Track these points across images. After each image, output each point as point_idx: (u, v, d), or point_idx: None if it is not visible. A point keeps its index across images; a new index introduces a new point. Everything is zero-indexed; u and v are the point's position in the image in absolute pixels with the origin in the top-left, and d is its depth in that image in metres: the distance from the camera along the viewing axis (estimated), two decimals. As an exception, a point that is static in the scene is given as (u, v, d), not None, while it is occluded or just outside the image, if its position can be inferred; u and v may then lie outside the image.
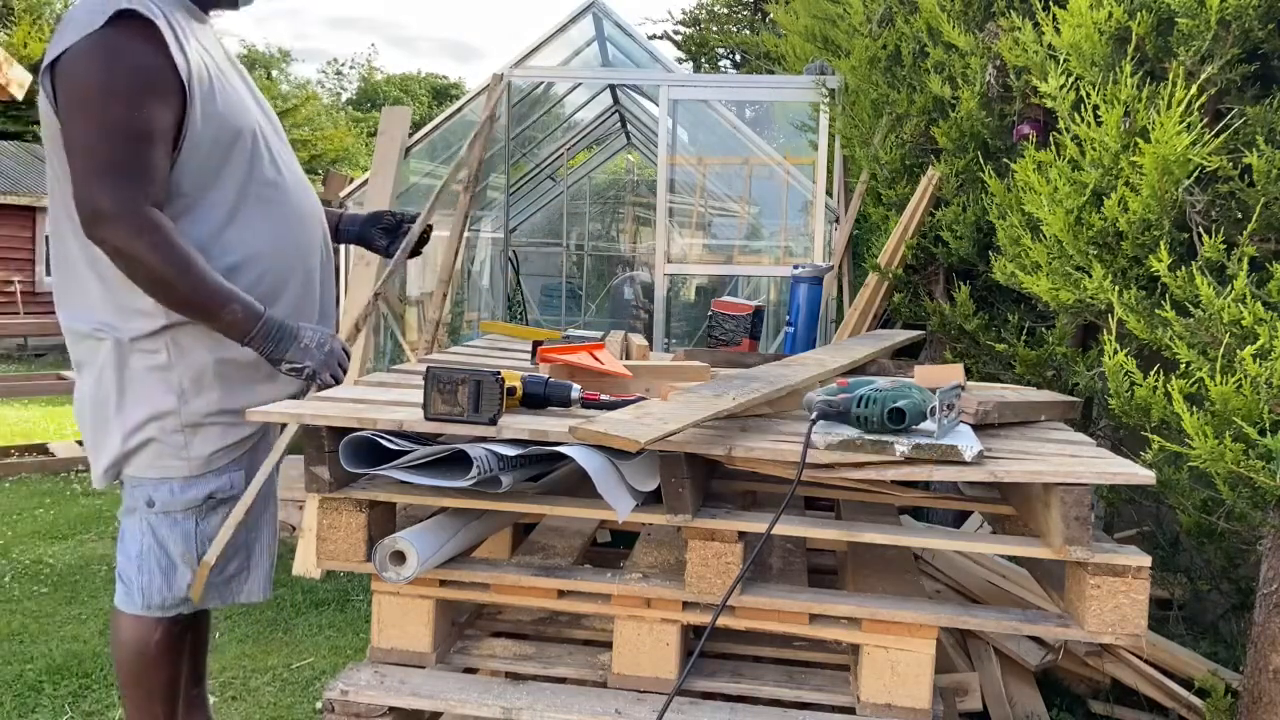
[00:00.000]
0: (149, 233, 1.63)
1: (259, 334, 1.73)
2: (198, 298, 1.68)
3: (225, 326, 1.72)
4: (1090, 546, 1.41)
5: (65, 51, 1.61)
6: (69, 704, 2.72)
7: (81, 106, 1.62)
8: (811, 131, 5.48)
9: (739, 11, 18.77)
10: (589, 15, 6.34)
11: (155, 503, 1.80)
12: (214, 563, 1.81)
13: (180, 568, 1.81)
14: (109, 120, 1.61)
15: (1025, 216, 2.39)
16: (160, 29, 1.63)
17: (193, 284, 1.67)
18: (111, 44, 1.60)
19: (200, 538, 1.82)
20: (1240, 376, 1.69)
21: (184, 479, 1.80)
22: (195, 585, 1.80)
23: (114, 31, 1.60)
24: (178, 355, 1.76)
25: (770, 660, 1.72)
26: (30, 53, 16.95)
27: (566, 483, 1.72)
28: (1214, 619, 2.84)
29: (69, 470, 5.77)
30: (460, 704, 1.52)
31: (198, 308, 1.70)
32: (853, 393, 1.52)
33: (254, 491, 1.81)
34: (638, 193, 13.70)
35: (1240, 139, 1.92)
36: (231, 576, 1.88)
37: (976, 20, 3.04)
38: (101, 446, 1.80)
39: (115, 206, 1.61)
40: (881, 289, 3.74)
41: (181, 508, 1.81)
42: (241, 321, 1.72)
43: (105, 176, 1.61)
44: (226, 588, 1.88)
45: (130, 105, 1.61)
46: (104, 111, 1.61)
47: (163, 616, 1.83)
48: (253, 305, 1.73)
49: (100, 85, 1.61)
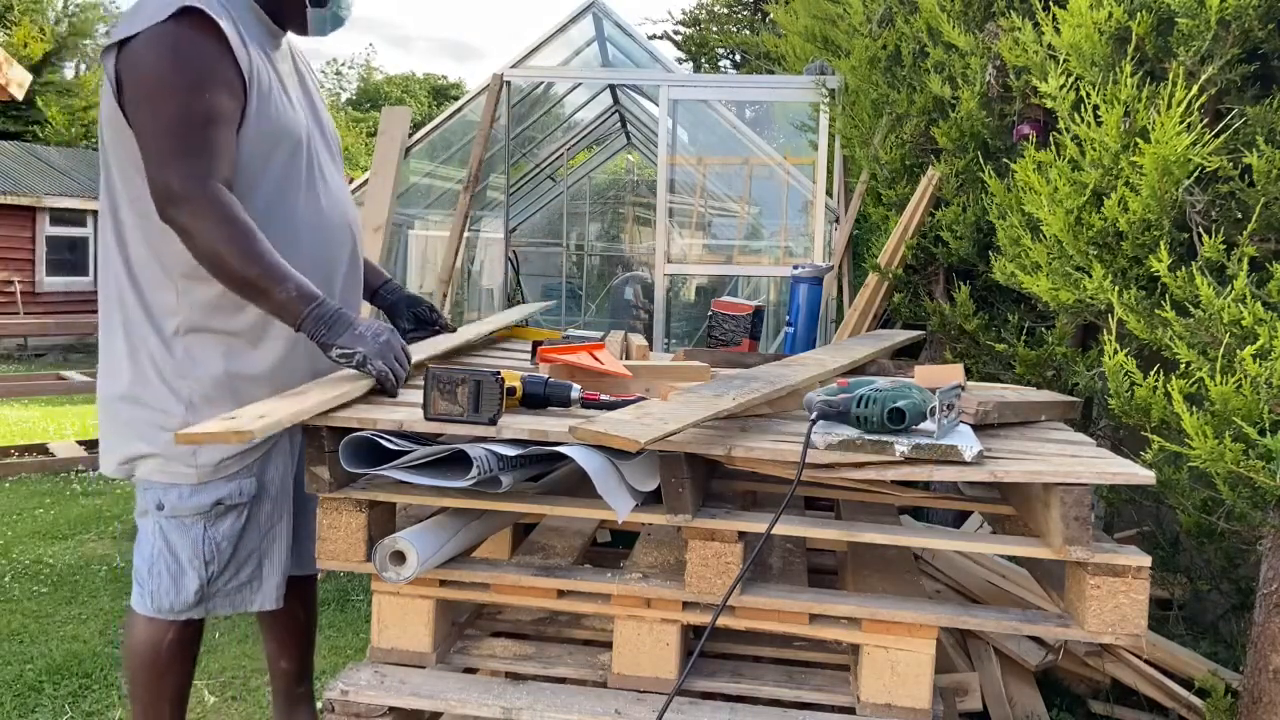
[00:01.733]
0: (214, 206, 1.67)
1: (310, 316, 1.70)
2: (253, 273, 1.68)
3: (278, 306, 1.71)
4: (1090, 546, 1.41)
5: (131, 39, 1.68)
6: (69, 704, 2.72)
7: (149, 97, 1.69)
8: (811, 131, 5.48)
9: (739, 11, 18.76)
10: (589, 15, 6.35)
11: (165, 506, 1.80)
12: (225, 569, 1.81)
13: (188, 573, 1.80)
14: (177, 107, 1.68)
15: (1025, 216, 2.39)
16: (223, 26, 1.70)
17: (250, 259, 1.68)
18: (176, 36, 1.68)
19: (209, 543, 1.81)
20: (1240, 376, 1.69)
21: (193, 485, 1.79)
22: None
23: (178, 25, 1.68)
24: (190, 365, 1.77)
25: (770, 660, 1.72)
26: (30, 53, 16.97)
27: (566, 483, 1.72)
28: (1214, 619, 2.84)
29: (69, 470, 5.77)
30: (460, 704, 1.52)
31: (253, 284, 1.70)
32: (853, 393, 1.52)
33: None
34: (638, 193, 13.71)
35: (1240, 139, 1.92)
36: (244, 584, 1.86)
37: (976, 20, 3.04)
38: (112, 442, 1.82)
39: (183, 185, 1.67)
40: (881, 289, 3.73)
41: (189, 513, 1.80)
42: (295, 301, 1.70)
43: (176, 159, 1.67)
44: (238, 595, 1.86)
45: (195, 91, 1.68)
46: (172, 99, 1.68)
47: (174, 620, 1.82)
48: (308, 288, 1.72)
49: (167, 73, 1.69)
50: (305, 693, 2.14)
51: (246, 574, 1.86)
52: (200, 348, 1.77)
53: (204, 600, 1.83)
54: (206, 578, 1.81)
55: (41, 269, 13.36)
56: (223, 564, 1.82)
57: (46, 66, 17.96)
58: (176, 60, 1.68)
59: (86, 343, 12.19)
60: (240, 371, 1.79)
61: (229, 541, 1.82)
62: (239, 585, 1.86)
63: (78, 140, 17.45)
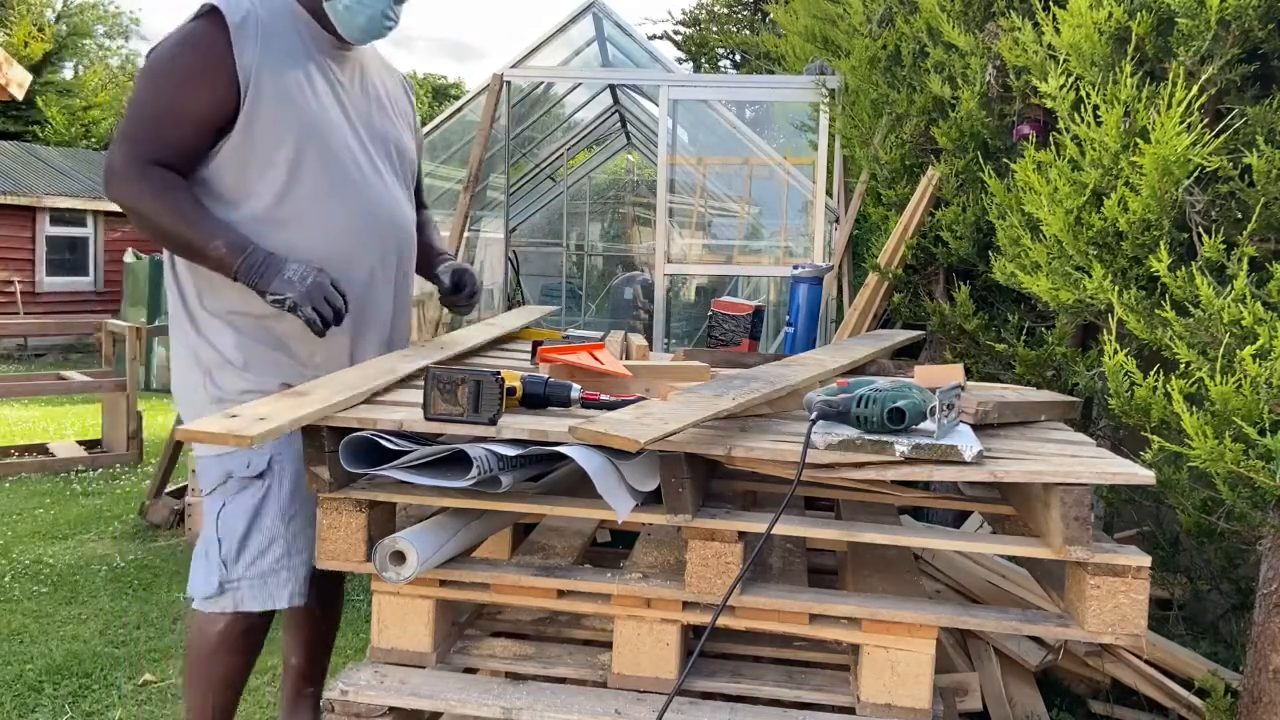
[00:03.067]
0: (147, 183, 1.76)
1: (243, 266, 1.75)
2: (184, 237, 1.77)
3: (215, 264, 1.77)
4: (1090, 546, 1.41)
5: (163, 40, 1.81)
6: (69, 704, 2.72)
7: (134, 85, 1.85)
8: (811, 131, 5.48)
9: (739, 11, 18.76)
10: (589, 15, 6.35)
11: (203, 485, 1.86)
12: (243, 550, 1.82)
13: (211, 554, 1.82)
14: (140, 94, 1.79)
15: (1025, 216, 2.39)
16: (230, 26, 1.75)
17: (182, 222, 1.76)
18: (182, 35, 1.78)
19: (223, 521, 1.82)
20: (1240, 376, 1.69)
21: (214, 456, 1.83)
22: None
23: (193, 25, 1.78)
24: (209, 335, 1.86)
25: (770, 660, 1.72)
26: (30, 53, 16.96)
27: (566, 483, 1.72)
28: (1214, 619, 2.84)
29: (69, 470, 5.77)
30: (460, 704, 1.52)
31: (189, 247, 1.78)
32: (853, 393, 1.52)
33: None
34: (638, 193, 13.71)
35: (1240, 139, 1.92)
36: (268, 573, 1.82)
37: (976, 20, 3.04)
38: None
39: (123, 165, 1.77)
40: (881, 289, 3.73)
41: (210, 487, 1.85)
42: (226, 256, 1.75)
43: (123, 141, 1.78)
44: (264, 585, 1.83)
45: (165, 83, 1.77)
46: (141, 87, 1.79)
47: (211, 611, 1.83)
48: (237, 240, 1.77)
49: (151, 69, 1.79)
50: (313, 695, 2.12)
51: (270, 561, 1.83)
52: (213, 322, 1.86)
53: (226, 589, 1.81)
54: (221, 558, 1.81)
55: (41, 269, 13.35)
56: (237, 543, 1.81)
57: (46, 66, 17.96)
58: (164, 56, 1.78)
59: (86, 343, 12.19)
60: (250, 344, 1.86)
61: (242, 519, 1.81)
62: (262, 574, 1.83)
63: (78, 140, 17.45)
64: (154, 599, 3.60)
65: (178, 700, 2.78)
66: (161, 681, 2.89)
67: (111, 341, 6.69)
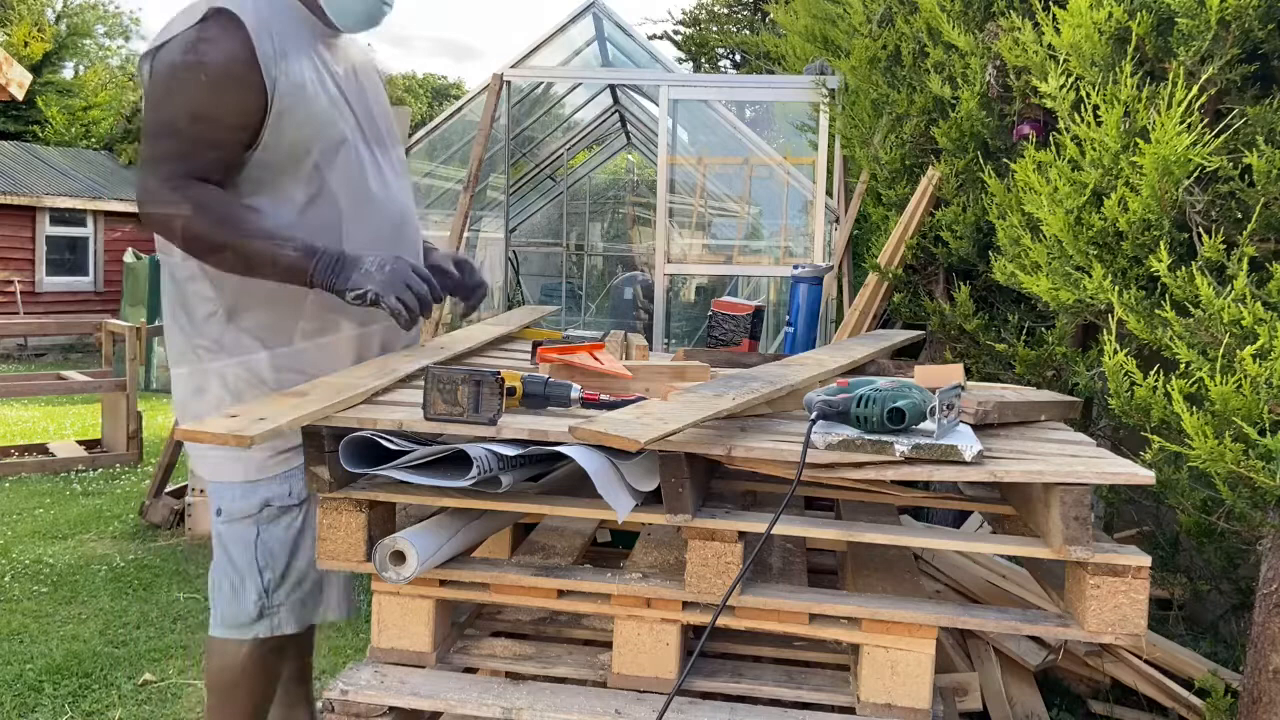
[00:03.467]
0: (191, 201, 1.65)
1: (318, 268, 1.67)
2: (247, 251, 1.66)
3: (285, 272, 1.68)
4: (1090, 546, 1.41)
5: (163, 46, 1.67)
6: (69, 704, 2.72)
7: (153, 102, 1.68)
8: (811, 131, 5.48)
9: (739, 11, 18.76)
10: (589, 15, 6.35)
11: (221, 511, 1.78)
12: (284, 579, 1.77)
13: (247, 583, 1.76)
14: (171, 111, 1.66)
15: (1025, 216, 2.39)
16: (248, 27, 1.65)
17: (240, 238, 1.65)
18: (196, 41, 1.65)
19: (262, 548, 1.77)
20: (1240, 376, 1.69)
21: (243, 483, 1.76)
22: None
23: (203, 29, 1.65)
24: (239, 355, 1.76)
25: (770, 660, 1.72)
26: (30, 53, 16.96)
27: (566, 483, 1.72)
28: (1214, 619, 2.84)
29: (69, 470, 5.77)
30: (460, 704, 1.52)
31: (251, 260, 1.67)
32: (853, 393, 1.52)
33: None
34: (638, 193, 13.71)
35: (1240, 139, 1.92)
36: (307, 595, 1.80)
37: (976, 20, 3.03)
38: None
39: (160, 186, 1.66)
40: (881, 289, 3.73)
41: (240, 515, 1.77)
42: (299, 260, 1.66)
43: (158, 163, 1.67)
44: (303, 608, 1.80)
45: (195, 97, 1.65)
46: (168, 102, 1.67)
47: (242, 639, 1.77)
48: (304, 243, 1.68)
49: (173, 80, 1.67)
50: (304, 693, 2.12)
51: (309, 585, 1.80)
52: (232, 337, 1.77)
53: (266, 614, 1.78)
54: (263, 587, 1.77)
55: (41, 269, 13.36)
56: (279, 572, 1.77)
57: (46, 66, 17.95)
58: (186, 66, 1.65)
59: (86, 343, 12.19)
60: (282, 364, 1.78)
61: (283, 547, 1.78)
62: (302, 598, 1.80)
63: (78, 140, 17.45)
64: (154, 599, 3.60)
65: (178, 700, 2.78)
66: (161, 681, 2.90)
67: (111, 341, 6.69)
